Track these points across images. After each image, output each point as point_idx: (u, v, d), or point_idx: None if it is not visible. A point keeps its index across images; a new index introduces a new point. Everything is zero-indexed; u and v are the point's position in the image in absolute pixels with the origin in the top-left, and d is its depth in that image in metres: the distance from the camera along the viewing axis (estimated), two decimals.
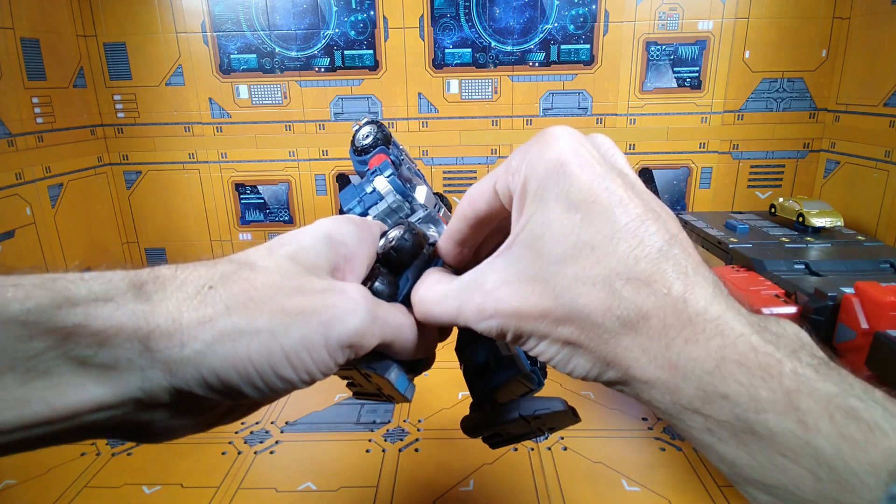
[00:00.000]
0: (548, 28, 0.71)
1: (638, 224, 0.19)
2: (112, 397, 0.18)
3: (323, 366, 0.21)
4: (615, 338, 0.19)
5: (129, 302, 0.18)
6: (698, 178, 0.76)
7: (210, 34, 0.72)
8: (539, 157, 0.21)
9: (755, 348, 0.17)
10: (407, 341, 0.24)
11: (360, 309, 0.22)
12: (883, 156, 0.64)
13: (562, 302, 0.19)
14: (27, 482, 0.44)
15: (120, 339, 0.18)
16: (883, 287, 0.38)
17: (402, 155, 0.39)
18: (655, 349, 0.18)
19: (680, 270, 0.19)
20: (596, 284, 0.19)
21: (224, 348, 0.19)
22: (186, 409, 0.20)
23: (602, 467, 0.44)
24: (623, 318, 0.18)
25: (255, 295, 0.20)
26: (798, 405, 0.16)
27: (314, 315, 0.20)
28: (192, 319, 0.19)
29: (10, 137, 0.61)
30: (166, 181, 0.78)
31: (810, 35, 0.71)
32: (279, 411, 0.53)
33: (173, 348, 0.18)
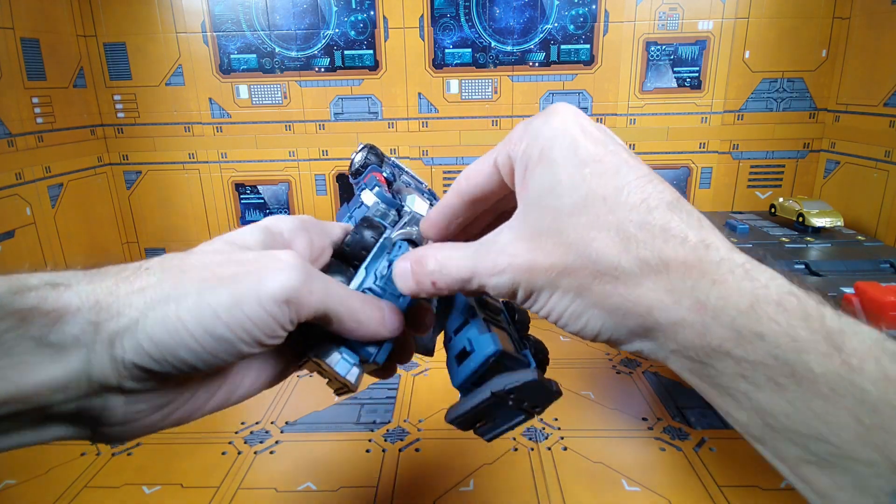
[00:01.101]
0: (548, 28, 0.71)
1: (646, 181, 0.20)
2: (64, 375, 0.19)
3: (261, 322, 0.21)
4: (634, 280, 0.19)
5: (78, 284, 0.20)
6: (698, 178, 0.76)
7: (210, 34, 0.72)
8: (544, 125, 0.21)
9: (792, 292, 0.17)
10: (356, 314, 0.24)
11: (292, 267, 0.22)
12: (883, 156, 0.64)
13: (575, 249, 0.19)
14: (27, 482, 0.44)
15: (69, 317, 0.19)
16: (883, 287, 0.38)
17: (400, 172, 0.42)
18: (681, 289, 0.18)
19: (693, 222, 0.19)
20: (610, 230, 0.19)
21: (155, 313, 0.20)
22: (139, 390, 0.21)
23: (602, 467, 0.44)
24: (642, 259, 0.19)
25: (187, 267, 0.21)
26: (842, 346, 0.16)
27: (245, 276, 0.21)
28: (126, 291, 0.20)
29: (10, 137, 0.61)
30: (166, 181, 0.78)
31: (810, 35, 0.71)
32: (279, 411, 0.53)
33: (111, 320, 0.19)
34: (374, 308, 0.25)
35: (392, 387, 0.56)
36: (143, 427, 0.22)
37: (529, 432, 0.49)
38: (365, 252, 0.28)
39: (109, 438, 0.22)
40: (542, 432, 0.49)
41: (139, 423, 0.22)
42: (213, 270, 0.21)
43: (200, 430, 0.50)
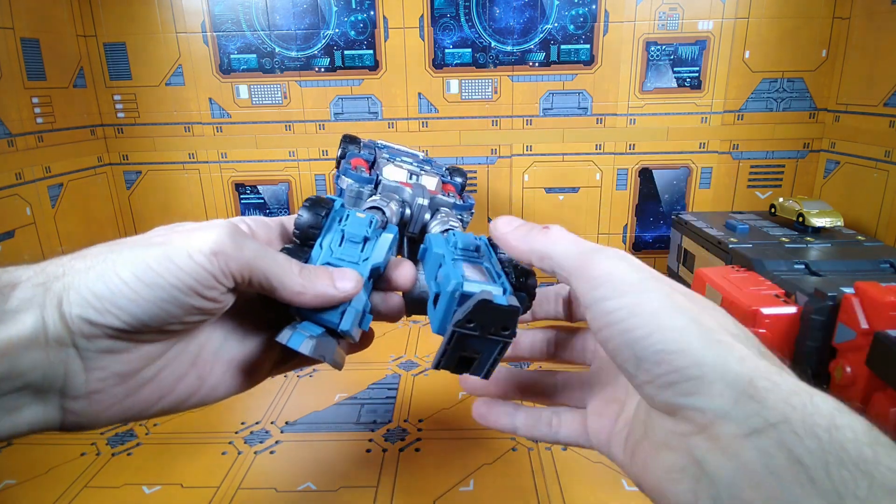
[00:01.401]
0: (548, 28, 0.71)
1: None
2: (21, 333, 0.20)
3: (192, 270, 0.22)
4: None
5: (27, 266, 0.22)
6: (698, 178, 0.76)
7: (210, 34, 0.72)
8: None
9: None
10: (293, 277, 0.25)
11: (219, 226, 0.23)
12: (883, 156, 0.64)
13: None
14: (27, 482, 0.44)
15: (21, 285, 0.21)
16: (883, 287, 0.38)
17: (381, 150, 0.46)
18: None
19: (776, 372, 0.19)
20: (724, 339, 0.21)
21: (95, 270, 0.21)
22: (93, 350, 0.22)
23: (602, 467, 0.44)
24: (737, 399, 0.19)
25: (129, 239, 0.23)
26: (754, 395, 0.18)
27: (177, 237, 0.23)
28: (70, 258, 0.22)
29: (10, 137, 0.61)
30: (166, 181, 0.78)
31: (810, 35, 0.71)
32: (279, 411, 0.53)
33: (57, 280, 0.21)
34: (319, 271, 0.26)
35: (392, 387, 0.56)
36: (109, 403, 0.23)
37: None
38: (313, 230, 0.29)
39: (79, 422, 0.22)
40: None
41: (104, 397, 0.22)
42: (150, 238, 0.23)
43: (200, 430, 0.50)
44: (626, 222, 0.78)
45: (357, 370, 0.58)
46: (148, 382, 0.24)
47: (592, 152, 0.75)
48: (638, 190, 0.77)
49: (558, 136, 0.75)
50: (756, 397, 0.17)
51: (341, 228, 0.29)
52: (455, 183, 0.45)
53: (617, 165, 0.76)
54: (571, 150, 0.75)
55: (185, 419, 0.52)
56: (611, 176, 0.76)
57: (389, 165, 0.40)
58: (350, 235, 0.29)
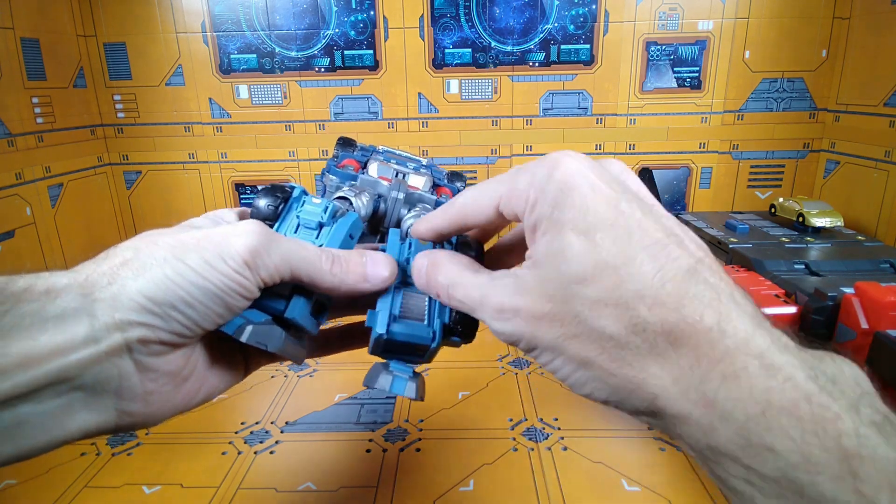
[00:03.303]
0: (548, 28, 0.71)
1: (660, 248, 0.18)
2: (69, 340, 0.20)
3: (233, 279, 0.23)
4: (641, 362, 0.18)
5: (58, 273, 0.22)
6: (698, 178, 0.76)
7: (210, 34, 0.72)
8: (548, 181, 0.20)
9: (809, 396, 0.15)
10: (324, 271, 0.25)
11: (250, 233, 0.24)
12: (883, 156, 0.64)
13: (582, 320, 0.18)
14: (27, 482, 0.44)
15: (61, 293, 0.21)
16: (883, 287, 0.38)
17: (377, 154, 0.46)
18: (688, 380, 0.17)
19: (711, 296, 0.17)
20: (619, 305, 0.18)
21: (144, 276, 0.22)
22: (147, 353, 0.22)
23: (602, 467, 0.44)
24: (650, 341, 0.17)
25: (157, 239, 0.23)
26: (857, 472, 0.14)
27: (208, 241, 0.23)
28: (110, 266, 0.22)
29: (10, 137, 0.61)
30: (166, 181, 0.78)
31: (810, 35, 0.71)
32: (279, 411, 0.53)
33: (104, 288, 0.21)
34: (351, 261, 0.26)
35: None
36: (162, 402, 0.23)
37: (529, 432, 0.49)
38: (268, 220, 0.28)
39: (134, 423, 0.23)
40: (542, 432, 0.49)
41: (157, 397, 0.23)
42: (179, 238, 0.23)
43: (200, 430, 0.50)
44: None
45: (357, 370, 0.58)
46: (190, 376, 0.25)
47: (592, 152, 0.75)
48: None
49: (558, 136, 0.75)
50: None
51: (297, 215, 0.28)
52: (453, 187, 0.44)
53: None
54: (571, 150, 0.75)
55: (185, 419, 0.52)
56: None
57: (374, 163, 0.41)
58: (304, 222, 0.28)
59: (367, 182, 0.37)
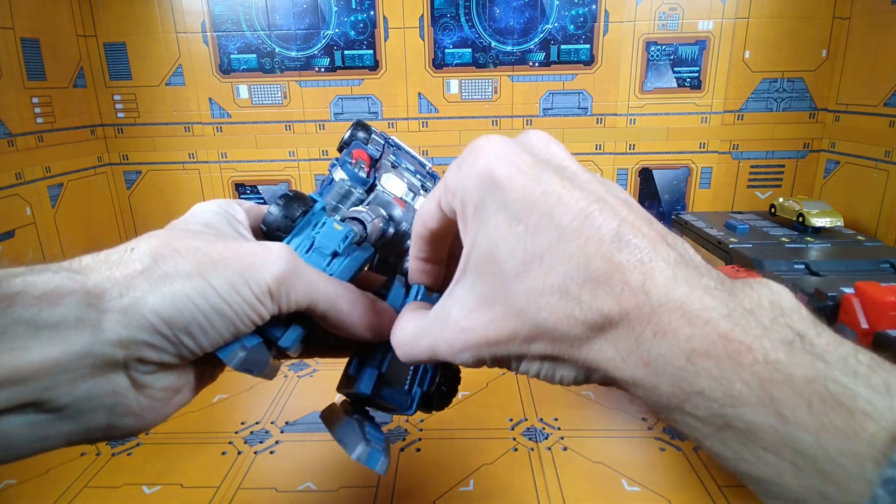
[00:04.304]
0: (548, 28, 0.71)
1: (582, 220, 0.18)
2: (64, 354, 0.18)
3: (253, 307, 0.22)
4: (587, 343, 0.18)
5: (63, 271, 0.20)
6: (698, 178, 0.76)
7: (210, 34, 0.72)
8: (469, 172, 0.20)
9: (725, 335, 0.16)
10: (341, 313, 0.24)
11: (280, 260, 0.22)
12: (883, 156, 0.64)
13: (526, 319, 0.18)
14: (27, 482, 0.44)
15: (61, 298, 0.19)
16: (883, 287, 0.38)
17: (390, 150, 0.42)
18: (626, 347, 0.17)
19: (636, 258, 0.17)
20: (554, 294, 0.18)
21: (161, 291, 0.20)
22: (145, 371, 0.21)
23: (602, 467, 0.44)
24: (588, 322, 0.18)
25: (179, 246, 0.21)
26: (773, 395, 0.15)
27: (235, 261, 0.22)
28: (124, 274, 0.20)
29: (10, 137, 0.61)
30: (166, 181, 0.78)
31: (810, 35, 0.71)
32: (279, 411, 0.53)
33: (115, 299, 0.19)
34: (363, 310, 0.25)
35: None
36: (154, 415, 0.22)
37: (529, 432, 0.49)
38: (280, 231, 0.27)
39: (122, 434, 0.22)
40: (542, 432, 0.49)
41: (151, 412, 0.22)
42: (205, 250, 0.22)
43: (200, 430, 0.50)
44: None
45: None
46: (183, 388, 0.24)
47: (592, 152, 0.75)
48: (638, 190, 0.76)
49: (558, 136, 0.75)
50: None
51: (313, 234, 0.27)
52: None
53: (617, 165, 0.76)
54: (571, 150, 0.75)
55: (185, 419, 0.52)
56: (611, 176, 0.76)
57: (391, 174, 0.37)
58: (320, 245, 0.27)
59: (382, 201, 0.34)
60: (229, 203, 0.27)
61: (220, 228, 0.25)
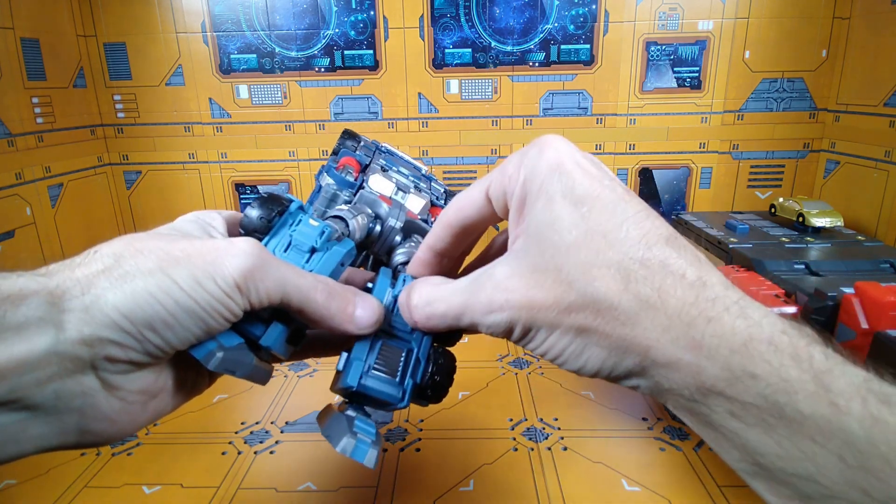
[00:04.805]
0: (548, 28, 0.71)
1: (643, 217, 0.20)
2: (29, 353, 0.19)
3: (220, 301, 0.21)
4: (633, 319, 0.19)
5: (28, 275, 0.20)
6: (698, 178, 0.76)
7: (210, 34, 0.72)
8: (539, 159, 0.21)
9: (784, 330, 0.17)
10: (317, 305, 0.24)
11: (244, 254, 0.22)
12: (883, 156, 0.64)
13: (577, 287, 0.19)
14: (27, 482, 0.44)
15: (25, 299, 0.19)
16: (883, 287, 0.38)
17: (380, 156, 0.43)
18: (677, 328, 0.18)
19: (691, 258, 0.19)
20: (611, 268, 0.19)
21: (123, 288, 0.20)
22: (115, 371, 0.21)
23: (602, 467, 0.44)
24: (642, 297, 0.19)
25: (141, 246, 0.21)
26: (830, 387, 0.16)
27: (199, 257, 0.21)
28: (85, 273, 0.20)
29: (10, 137, 0.61)
30: (166, 181, 0.78)
31: (810, 35, 0.71)
32: (279, 411, 0.53)
33: (76, 298, 0.20)
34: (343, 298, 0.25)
35: None
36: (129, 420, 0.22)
37: (529, 432, 0.49)
38: (258, 233, 0.26)
39: (96, 441, 0.22)
40: (542, 432, 0.49)
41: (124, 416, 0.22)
42: (167, 249, 0.21)
43: (200, 430, 0.50)
44: None
45: None
46: (159, 392, 0.23)
47: (592, 152, 0.75)
48: (638, 190, 0.76)
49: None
50: None
51: (290, 233, 0.27)
52: None
53: (617, 165, 0.76)
54: None
55: (185, 419, 0.52)
56: None
57: (377, 175, 0.37)
58: (297, 243, 0.26)
59: (367, 199, 0.35)
60: (207, 212, 0.27)
61: (189, 231, 0.25)
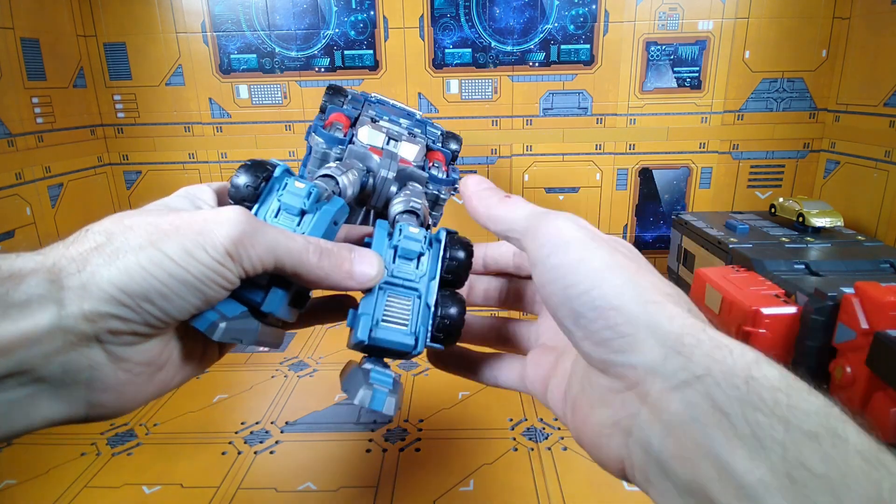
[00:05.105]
0: (548, 28, 0.71)
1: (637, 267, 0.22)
2: (36, 329, 0.19)
3: (213, 269, 0.22)
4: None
5: (26, 255, 0.21)
6: (698, 178, 0.76)
7: (210, 34, 0.72)
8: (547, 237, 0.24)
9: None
10: (311, 266, 0.24)
11: (232, 221, 0.22)
12: (883, 156, 0.64)
13: None
14: (27, 482, 0.44)
15: (27, 278, 0.20)
16: (883, 287, 0.38)
17: (369, 106, 0.41)
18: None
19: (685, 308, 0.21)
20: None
21: (117, 264, 0.21)
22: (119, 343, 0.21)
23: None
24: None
25: (131, 223, 0.22)
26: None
27: (187, 228, 0.22)
28: (80, 251, 0.21)
29: (10, 137, 0.61)
30: (166, 181, 0.78)
31: (810, 35, 0.71)
32: (279, 411, 0.53)
33: (73, 275, 0.20)
34: (338, 256, 0.25)
35: None
36: (135, 391, 0.23)
37: (529, 432, 0.49)
38: (246, 201, 0.26)
39: (105, 413, 0.22)
40: (542, 432, 0.49)
41: (131, 388, 0.22)
42: (156, 223, 0.22)
43: (200, 430, 0.50)
44: (626, 222, 0.78)
45: None
46: (165, 364, 0.24)
47: (592, 152, 0.75)
48: (638, 190, 0.77)
49: (558, 136, 0.75)
50: (683, 353, 0.18)
51: (278, 198, 0.26)
52: (446, 151, 0.40)
53: (617, 165, 0.76)
54: (571, 150, 0.75)
55: (185, 419, 0.52)
56: (611, 176, 0.76)
57: (366, 127, 0.36)
58: (286, 207, 0.26)
59: (356, 154, 0.34)
60: (196, 186, 0.27)
61: (178, 206, 0.25)
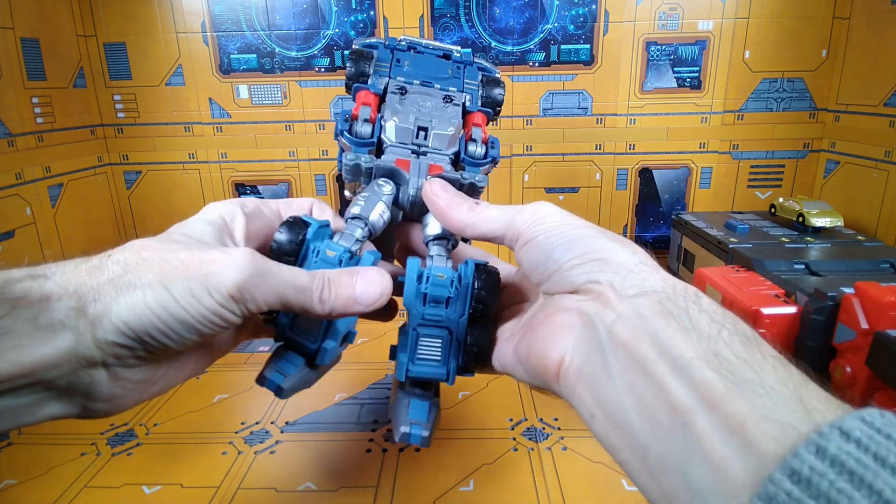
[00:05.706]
0: (548, 28, 0.71)
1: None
2: (56, 353, 0.21)
3: (215, 312, 0.23)
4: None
5: (54, 276, 0.23)
6: (698, 178, 0.76)
7: (210, 34, 0.72)
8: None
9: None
10: (316, 302, 0.26)
11: (238, 265, 0.24)
12: (883, 156, 0.64)
13: None
14: (27, 482, 0.44)
15: (53, 304, 0.22)
16: (883, 287, 0.38)
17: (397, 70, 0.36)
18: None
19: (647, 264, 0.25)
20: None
21: (126, 299, 0.22)
22: (120, 366, 0.23)
23: (602, 467, 0.44)
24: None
25: (147, 256, 0.24)
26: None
27: (195, 267, 0.23)
28: (98, 281, 0.23)
29: (10, 137, 0.61)
30: (166, 181, 0.78)
31: (810, 35, 0.71)
32: (279, 411, 0.53)
33: (89, 305, 0.22)
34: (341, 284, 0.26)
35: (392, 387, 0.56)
36: (128, 401, 0.25)
37: (529, 432, 0.49)
38: (287, 256, 0.28)
39: (97, 415, 0.24)
40: (542, 432, 0.49)
41: (124, 400, 0.24)
42: (168, 259, 0.24)
43: (200, 430, 0.50)
44: (626, 222, 0.78)
45: (357, 370, 0.58)
46: (158, 381, 0.26)
47: (592, 152, 0.75)
48: (638, 190, 0.77)
49: (558, 136, 0.75)
50: (642, 274, 0.22)
51: (314, 261, 0.28)
52: (487, 111, 0.36)
53: (617, 165, 0.76)
54: (571, 150, 0.75)
55: (185, 419, 0.52)
56: (611, 176, 0.76)
57: (392, 122, 0.32)
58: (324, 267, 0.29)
59: (384, 170, 0.32)
60: (226, 205, 0.29)
61: (202, 236, 0.27)
